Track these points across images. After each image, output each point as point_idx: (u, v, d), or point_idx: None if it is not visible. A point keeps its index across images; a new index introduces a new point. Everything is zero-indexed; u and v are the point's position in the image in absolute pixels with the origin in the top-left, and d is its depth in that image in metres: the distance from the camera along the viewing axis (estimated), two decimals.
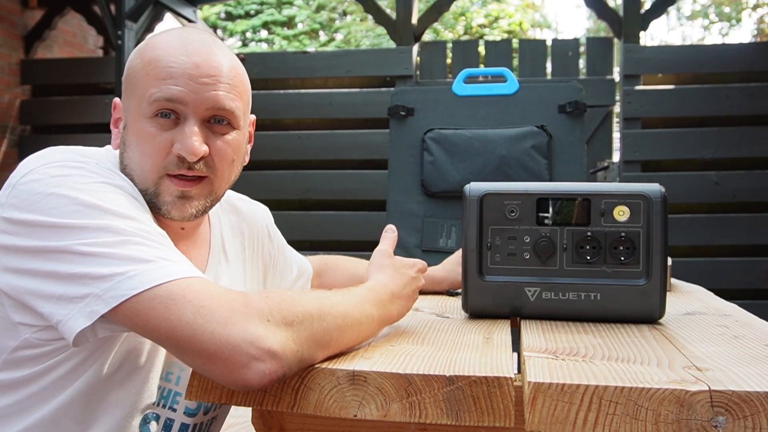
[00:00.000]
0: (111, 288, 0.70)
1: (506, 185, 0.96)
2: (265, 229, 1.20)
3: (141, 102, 0.88)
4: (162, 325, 0.69)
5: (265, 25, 12.37)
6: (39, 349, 0.82)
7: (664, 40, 14.24)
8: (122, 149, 0.91)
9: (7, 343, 0.82)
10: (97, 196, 0.78)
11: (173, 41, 0.89)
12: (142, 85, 0.88)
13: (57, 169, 0.80)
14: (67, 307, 0.72)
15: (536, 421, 0.62)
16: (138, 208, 0.83)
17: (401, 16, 4.27)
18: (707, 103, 3.92)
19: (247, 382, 0.66)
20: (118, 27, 4.16)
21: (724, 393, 0.59)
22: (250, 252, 1.15)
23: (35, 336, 0.81)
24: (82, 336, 0.73)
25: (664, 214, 0.91)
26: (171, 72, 0.86)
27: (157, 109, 0.87)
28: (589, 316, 0.93)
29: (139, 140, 0.88)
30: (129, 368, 0.89)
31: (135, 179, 0.89)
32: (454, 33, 11.77)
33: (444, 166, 1.75)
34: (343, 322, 0.74)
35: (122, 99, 0.94)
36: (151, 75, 0.87)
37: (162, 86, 0.86)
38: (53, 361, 0.83)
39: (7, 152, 4.66)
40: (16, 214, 0.77)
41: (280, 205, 4.28)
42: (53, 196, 0.76)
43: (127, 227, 0.76)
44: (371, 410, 0.67)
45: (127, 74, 0.92)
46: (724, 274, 3.84)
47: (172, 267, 0.72)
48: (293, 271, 1.26)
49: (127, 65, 0.93)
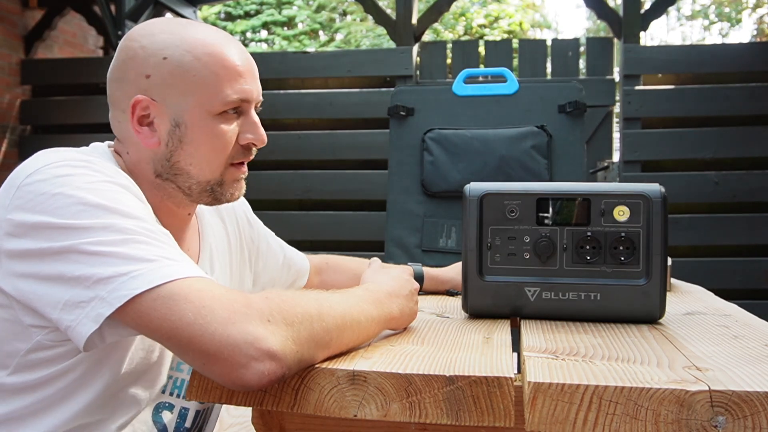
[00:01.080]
0: (114, 289, 0.71)
1: (506, 185, 0.96)
2: (243, 215, 1.20)
3: (210, 100, 0.89)
4: (164, 326, 0.69)
5: (265, 26, 12.37)
6: (52, 351, 0.82)
7: (664, 40, 14.24)
8: (173, 146, 0.91)
9: (20, 346, 0.82)
10: (103, 196, 0.78)
11: (220, 37, 0.92)
12: (210, 84, 0.89)
13: (62, 168, 0.79)
14: (74, 312, 0.72)
15: (536, 421, 0.62)
16: (142, 207, 0.83)
17: (401, 16, 4.27)
18: (707, 103, 3.92)
19: (247, 383, 0.67)
20: (118, 27, 4.17)
21: (724, 393, 0.59)
22: (235, 239, 1.16)
23: (47, 338, 0.81)
24: (91, 341, 0.73)
25: (664, 214, 0.91)
26: (241, 71, 0.92)
27: (231, 107, 0.91)
28: (589, 316, 0.93)
29: (209, 137, 0.91)
30: (144, 365, 0.90)
31: (192, 173, 0.92)
32: (454, 33, 11.78)
33: (444, 166, 1.75)
34: (342, 321, 0.74)
35: (159, 96, 0.90)
36: (222, 76, 0.90)
37: (236, 86, 0.91)
38: (68, 364, 0.83)
39: (7, 152, 4.66)
40: (21, 216, 0.76)
41: (280, 205, 4.28)
42: (59, 195, 0.76)
43: (131, 226, 0.76)
44: (371, 410, 0.67)
45: (171, 71, 0.89)
46: (724, 274, 3.84)
47: (174, 266, 0.72)
48: (279, 257, 1.25)
49: (167, 61, 0.89)
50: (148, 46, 0.90)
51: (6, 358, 0.83)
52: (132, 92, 0.90)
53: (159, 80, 0.89)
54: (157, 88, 0.90)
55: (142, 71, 0.90)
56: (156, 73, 0.89)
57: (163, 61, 0.89)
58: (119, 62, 0.92)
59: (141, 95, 0.90)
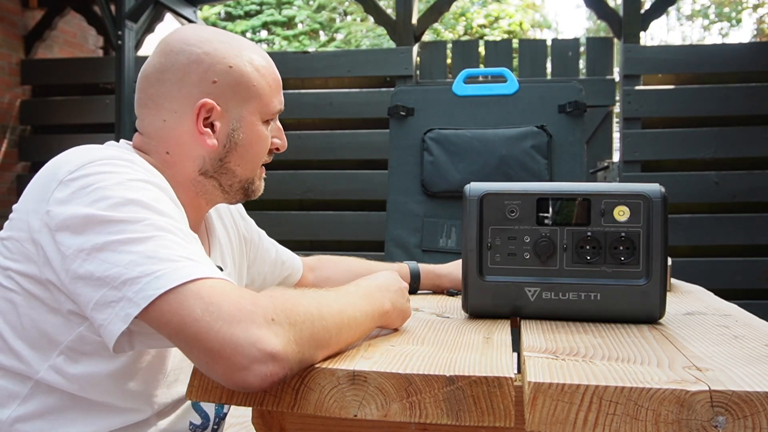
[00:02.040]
0: (141, 289, 0.72)
1: (506, 185, 0.96)
2: (236, 210, 1.24)
3: (263, 109, 0.99)
4: (174, 321, 0.70)
5: (265, 26, 12.37)
6: (91, 346, 0.84)
7: (664, 40, 14.24)
8: (228, 148, 0.98)
9: (60, 338, 0.84)
10: (142, 194, 0.80)
11: (264, 52, 1.03)
12: (265, 95, 0.99)
13: (105, 166, 0.82)
14: (105, 311, 0.74)
15: (536, 421, 0.62)
16: (174, 208, 0.85)
17: (401, 17, 4.27)
18: (707, 103, 3.92)
19: (249, 385, 0.67)
20: (118, 27, 4.16)
21: (724, 393, 0.59)
22: (233, 233, 1.19)
23: (88, 329, 0.83)
24: (120, 343, 0.75)
25: (664, 214, 0.91)
26: (280, 84, 1.03)
27: (274, 116, 1.02)
28: (589, 316, 0.93)
29: (256, 141, 1.00)
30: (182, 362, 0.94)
31: (238, 173, 1.00)
32: (454, 33, 11.78)
33: (444, 166, 1.75)
34: (340, 319, 0.75)
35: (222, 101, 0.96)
36: (273, 87, 1.01)
37: (279, 98, 1.03)
38: (107, 361, 0.86)
39: (8, 152, 4.66)
40: (63, 210, 0.78)
41: (280, 205, 4.28)
42: (101, 189, 0.79)
43: (165, 224, 0.78)
44: (371, 410, 0.67)
45: (237, 80, 0.96)
46: (724, 274, 3.84)
47: (196, 267, 0.74)
48: (271, 252, 1.29)
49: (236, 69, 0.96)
50: (212, 53, 0.95)
51: (45, 351, 0.85)
52: (195, 94, 0.95)
53: (225, 86, 0.96)
54: (222, 93, 0.96)
55: (207, 76, 0.95)
56: (222, 80, 0.95)
57: (229, 69, 0.96)
58: (179, 65, 0.95)
59: (207, 99, 0.95)
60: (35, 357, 0.85)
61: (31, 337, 0.85)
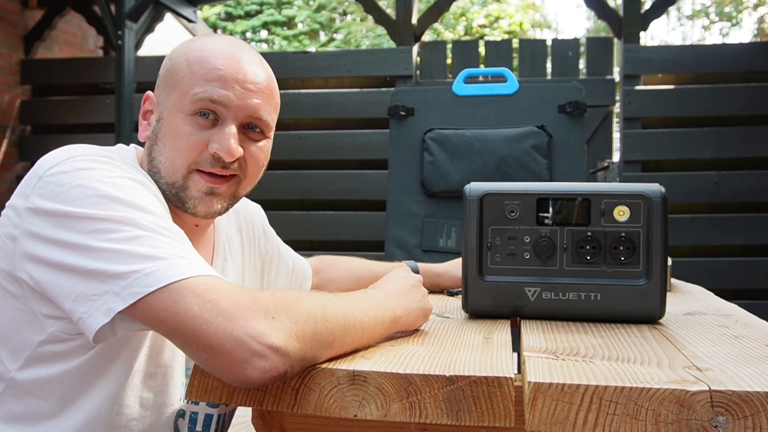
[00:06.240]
0: (128, 285, 0.72)
1: (506, 185, 0.96)
2: (260, 226, 1.23)
3: (182, 99, 0.91)
4: (170, 318, 0.70)
5: (265, 26, 12.37)
6: (65, 345, 0.83)
7: (664, 40, 14.24)
8: (152, 141, 0.95)
9: (32, 338, 0.83)
10: (122, 190, 0.79)
11: (225, 46, 0.93)
12: (185, 83, 0.91)
13: (84, 162, 0.82)
14: (86, 304, 0.74)
15: (536, 421, 0.62)
16: (158, 205, 0.84)
17: (401, 16, 4.27)
18: (707, 103, 3.92)
19: (249, 379, 0.66)
20: (118, 27, 4.16)
21: (724, 393, 0.59)
22: (248, 248, 1.18)
23: (61, 329, 0.82)
24: (102, 333, 0.74)
25: (664, 214, 0.91)
26: (219, 74, 0.90)
27: (199, 108, 0.90)
28: (589, 316, 0.93)
29: (174, 135, 0.91)
30: (152, 366, 0.91)
31: (162, 171, 0.92)
32: (454, 33, 11.78)
33: (444, 166, 1.75)
34: (345, 322, 0.74)
35: (157, 93, 0.96)
36: (198, 74, 0.90)
37: (207, 86, 0.90)
38: (79, 361, 0.84)
39: (7, 152, 4.66)
40: (41, 204, 0.78)
41: (280, 205, 4.28)
42: (79, 187, 0.78)
43: (147, 222, 0.77)
44: (371, 410, 0.67)
45: (168, 70, 0.95)
46: (724, 274, 3.84)
47: (187, 265, 0.73)
48: (289, 264, 1.28)
49: (170, 62, 0.95)
50: (175, 50, 0.97)
51: (18, 350, 0.84)
52: None
53: (160, 79, 0.97)
54: (159, 84, 0.97)
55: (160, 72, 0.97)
56: (160, 73, 0.97)
57: (167, 62, 0.96)
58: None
59: (151, 92, 0.98)
60: (9, 356, 0.84)
61: (5, 335, 0.84)
